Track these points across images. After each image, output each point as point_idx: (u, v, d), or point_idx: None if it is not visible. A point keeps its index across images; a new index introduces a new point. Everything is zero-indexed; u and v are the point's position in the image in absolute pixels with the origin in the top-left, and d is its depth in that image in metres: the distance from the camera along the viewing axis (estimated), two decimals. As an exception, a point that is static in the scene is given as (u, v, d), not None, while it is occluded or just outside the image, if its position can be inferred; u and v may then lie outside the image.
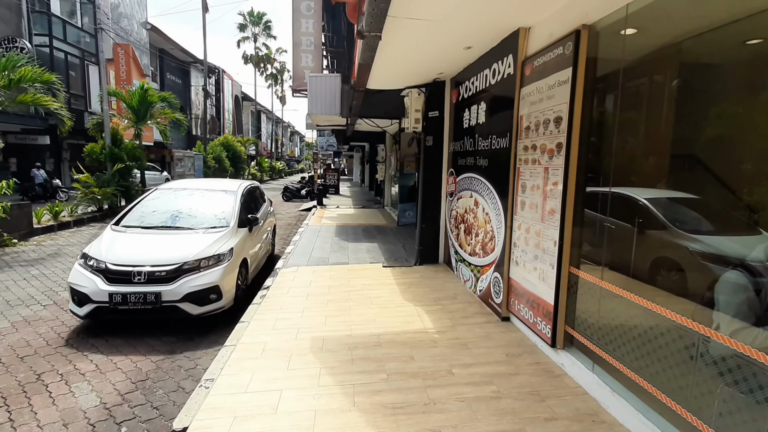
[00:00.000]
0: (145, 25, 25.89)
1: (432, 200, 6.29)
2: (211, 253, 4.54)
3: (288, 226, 11.40)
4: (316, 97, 10.36)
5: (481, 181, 4.69)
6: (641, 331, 2.44)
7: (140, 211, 5.28)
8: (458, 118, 5.63)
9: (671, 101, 2.44)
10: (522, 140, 3.71)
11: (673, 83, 2.45)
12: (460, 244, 5.43)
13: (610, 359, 2.67)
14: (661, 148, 2.52)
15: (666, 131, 2.47)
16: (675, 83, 2.43)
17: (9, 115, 16.00)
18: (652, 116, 2.58)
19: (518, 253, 3.77)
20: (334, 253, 7.31)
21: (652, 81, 2.58)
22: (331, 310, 4.41)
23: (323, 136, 34.06)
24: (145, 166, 13.62)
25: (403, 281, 5.47)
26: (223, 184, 6.28)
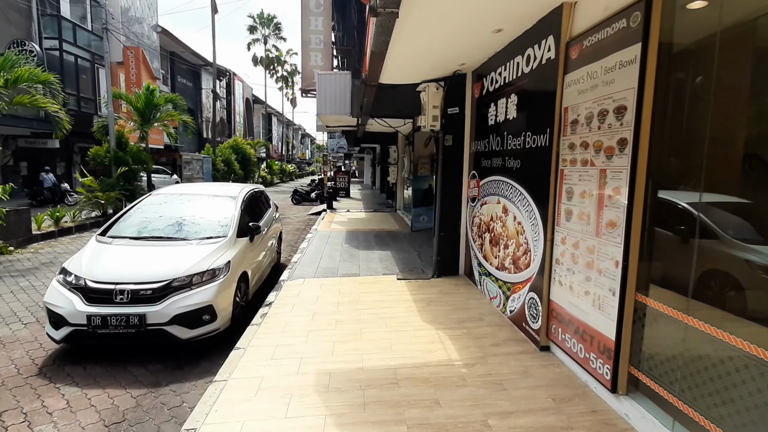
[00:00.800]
0: (155, 28, 25.82)
1: (451, 206, 5.69)
2: (205, 268, 4.01)
3: (296, 231, 10.90)
4: (326, 96, 9.86)
5: (511, 185, 4.08)
6: (748, 384, 1.81)
7: (130, 219, 4.80)
8: (481, 114, 5.03)
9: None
10: (567, 137, 3.10)
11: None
12: (485, 255, 4.82)
13: (700, 418, 2.05)
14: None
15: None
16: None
17: (18, 119, 15.89)
18: (761, 101, 1.96)
19: (562, 273, 3.15)
20: (344, 262, 6.75)
21: (760, 55, 1.96)
22: (339, 333, 3.84)
23: (334, 138, 33.69)
24: (151, 169, 13.29)
25: (420, 297, 4.88)
26: (223, 189, 5.78)
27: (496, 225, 4.46)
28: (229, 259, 4.28)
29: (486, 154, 4.85)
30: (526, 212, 3.71)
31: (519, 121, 3.93)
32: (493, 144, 4.61)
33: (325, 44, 13.62)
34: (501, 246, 4.31)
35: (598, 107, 2.72)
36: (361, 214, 13.40)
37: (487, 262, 4.77)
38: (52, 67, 18.72)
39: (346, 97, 9.86)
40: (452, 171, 5.64)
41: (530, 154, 3.67)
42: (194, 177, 17.56)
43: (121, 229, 4.62)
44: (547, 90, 3.36)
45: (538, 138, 3.49)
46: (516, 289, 3.92)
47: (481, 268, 4.98)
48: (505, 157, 4.25)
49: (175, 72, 30.00)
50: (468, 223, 5.57)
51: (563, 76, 3.16)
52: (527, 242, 3.69)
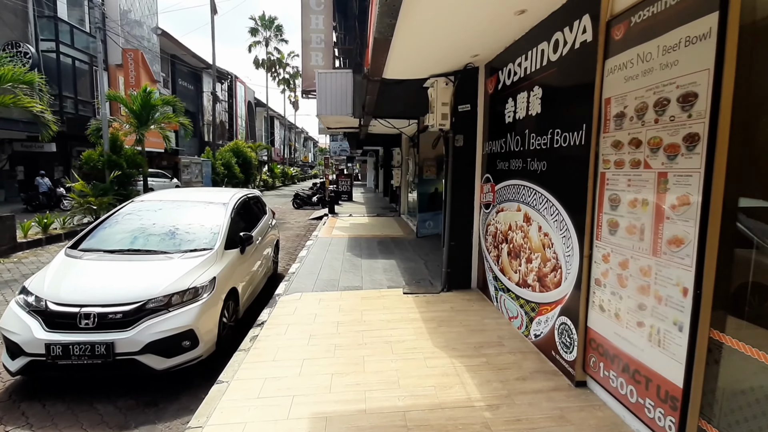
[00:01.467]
0: (155, 31, 25.53)
1: (462, 212, 5.18)
2: (186, 286, 3.52)
3: (296, 238, 10.41)
4: (326, 95, 9.39)
5: (534, 190, 3.56)
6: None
7: (106, 230, 4.31)
8: (496, 111, 4.53)
9: None
10: (609, 133, 2.59)
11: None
12: (503, 269, 4.30)
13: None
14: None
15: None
16: None
17: (12, 122, 15.52)
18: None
19: (605, 296, 2.63)
20: (345, 273, 6.24)
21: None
22: (339, 362, 3.33)
23: (336, 140, 33.27)
24: (147, 172, 12.85)
25: (430, 315, 4.36)
26: (214, 195, 5.29)
27: (516, 235, 3.94)
28: (214, 274, 3.78)
29: (502, 156, 4.34)
30: (555, 222, 3.20)
31: (544, 117, 3.42)
32: (511, 144, 4.10)
33: (326, 43, 13.17)
34: (522, 259, 3.79)
35: (654, 96, 2.21)
36: (364, 219, 12.91)
37: (504, 276, 4.25)
38: (48, 69, 18.41)
39: (348, 97, 9.38)
40: (463, 174, 5.13)
41: (560, 155, 3.15)
42: (193, 181, 17.13)
43: (95, 241, 4.13)
44: (581, 79, 2.85)
45: (570, 136, 2.97)
46: (542, 311, 3.40)
47: (498, 283, 4.46)
48: (526, 159, 3.73)
49: (176, 75, 29.71)
50: (481, 231, 5.05)
51: (603, 61, 2.65)
52: (556, 257, 3.17)
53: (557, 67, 3.19)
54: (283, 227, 12.19)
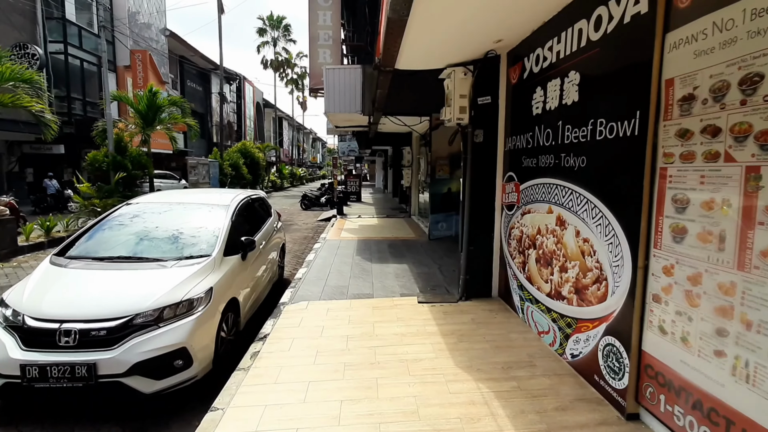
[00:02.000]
0: (164, 32, 25.48)
1: (482, 215, 4.75)
2: (179, 298, 3.16)
3: (303, 240, 10.06)
4: (334, 92, 9.02)
5: (570, 190, 3.13)
6: None
7: (96, 235, 3.98)
8: (521, 103, 4.11)
9: None
10: (673, 120, 2.16)
11: None
12: (530, 277, 3.87)
13: None
14: None
15: None
16: None
17: (22, 124, 15.47)
18: None
19: (667, 316, 2.20)
20: (354, 279, 5.86)
21: None
22: (349, 386, 2.94)
23: (344, 141, 32.97)
24: (152, 174, 12.62)
25: (449, 329, 3.95)
26: (214, 196, 4.95)
27: (547, 240, 3.51)
28: (211, 285, 3.42)
29: (529, 152, 3.91)
30: (598, 227, 2.77)
31: (583, 106, 2.99)
32: (539, 138, 3.68)
33: (334, 40, 12.81)
34: (555, 268, 3.36)
35: (739, 72, 1.78)
36: (374, 221, 12.52)
37: (532, 285, 3.82)
38: (57, 71, 18.40)
39: (357, 94, 9.01)
40: (483, 173, 4.71)
41: (604, 148, 2.72)
42: (200, 182, 16.92)
43: (83, 247, 3.80)
44: (633, 59, 2.42)
45: (619, 126, 2.55)
46: (582, 328, 2.97)
47: (524, 292, 4.03)
48: (559, 155, 3.31)
49: (185, 76, 29.73)
50: (503, 235, 4.63)
51: (663, 36, 2.22)
52: (600, 267, 2.74)
53: (600, 47, 2.76)
54: (291, 229, 11.87)
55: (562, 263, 3.25)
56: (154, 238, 3.89)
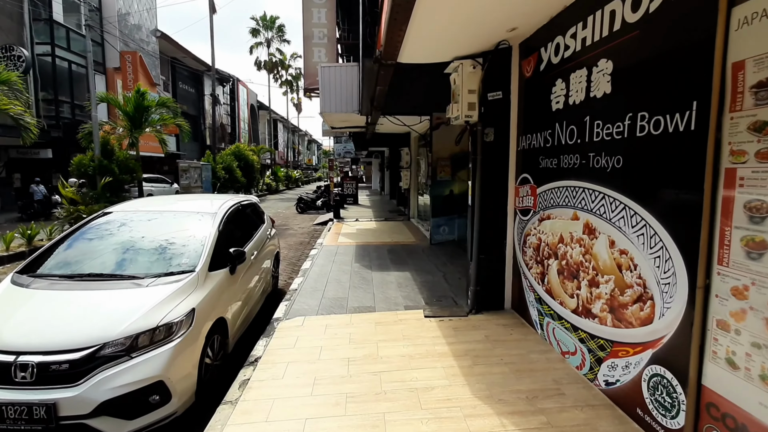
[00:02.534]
0: (154, 33, 25.00)
1: (493, 220, 4.37)
2: (156, 323, 2.75)
3: (299, 246, 9.65)
4: (330, 91, 8.63)
5: (601, 194, 2.76)
6: None
7: (65, 249, 3.55)
8: (537, 98, 3.74)
9: None
10: (744, 111, 1.79)
11: None
12: (550, 290, 3.49)
13: None
14: None
15: None
16: None
17: (9, 128, 14.96)
18: None
19: (740, 348, 1.82)
20: (354, 289, 5.46)
21: None
22: (352, 424, 2.54)
23: (340, 142, 32.56)
24: (141, 178, 12.15)
25: (462, 348, 3.56)
26: (200, 204, 4.53)
27: (572, 250, 3.14)
28: (193, 305, 3.01)
29: (547, 152, 3.54)
30: (640, 237, 2.39)
31: (618, 98, 2.62)
32: (560, 136, 3.30)
33: (329, 39, 12.43)
34: (582, 281, 2.98)
35: None
36: (372, 224, 12.13)
37: (554, 300, 3.44)
38: (44, 73, 17.88)
39: (354, 93, 8.62)
40: (494, 174, 4.33)
41: (647, 146, 2.35)
42: (192, 186, 16.44)
43: (51, 263, 3.38)
44: (685, 40, 2.05)
45: (668, 119, 2.17)
46: (619, 353, 2.59)
47: (543, 306, 3.65)
48: (586, 154, 2.93)
49: (177, 78, 29.21)
50: (517, 242, 4.25)
51: (728, 10, 1.85)
52: (643, 284, 2.36)
53: (640, 29, 2.38)
54: (286, 234, 11.44)
55: (591, 277, 2.87)
56: (130, 252, 3.47)
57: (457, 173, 8.67)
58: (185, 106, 29.36)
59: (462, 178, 8.66)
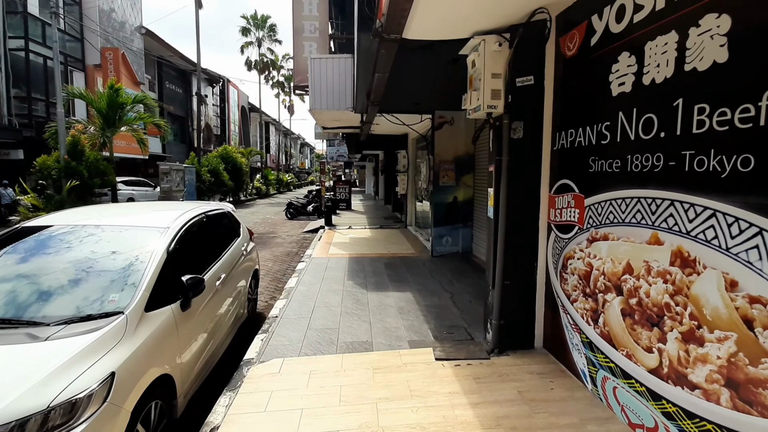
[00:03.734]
0: (139, 30, 23.96)
1: (521, 237, 3.49)
2: (47, 402, 1.81)
3: (286, 258, 8.69)
4: (320, 86, 7.74)
5: (710, 211, 1.89)
6: None
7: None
8: (585, 81, 2.89)
9: None
10: None
11: None
12: (609, 335, 2.61)
13: None
14: None
15: None
16: None
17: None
18: None
19: None
20: (347, 316, 4.54)
21: None
22: None
23: (333, 145, 31.73)
24: (114, 181, 11.13)
25: (489, 411, 2.66)
26: (152, 215, 3.59)
27: (649, 286, 2.26)
28: (112, 367, 2.07)
29: (603, 150, 2.68)
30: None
31: (741, 68, 1.75)
32: (627, 129, 2.44)
33: (321, 32, 11.57)
34: (671, 332, 2.11)
35: None
36: (366, 232, 11.22)
37: (616, 349, 2.55)
38: (17, 69, 16.77)
39: (347, 88, 7.74)
40: (522, 180, 3.45)
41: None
42: (173, 190, 15.37)
43: None
44: None
45: None
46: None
47: (597, 355, 2.77)
48: (679, 152, 2.06)
49: (163, 78, 28.14)
50: (552, 265, 3.38)
51: None
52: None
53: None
54: (272, 243, 10.48)
55: (688, 329, 2.00)
56: (35, 286, 2.52)
57: (461, 178, 7.81)
58: (172, 106, 28.31)
59: (467, 183, 7.81)
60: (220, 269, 3.68)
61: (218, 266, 3.67)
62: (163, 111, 27.26)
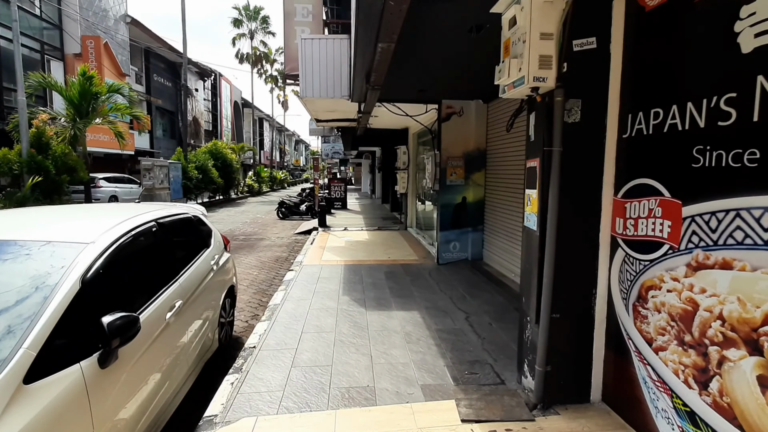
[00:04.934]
0: (124, 18, 22.81)
1: (576, 255, 2.62)
2: None
3: (274, 265, 7.78)
4: (312, 70, 6.83)
5: None
6: None
7: None
8: (685, 40, 2.02)
9: None
10: None
11: None
12: (741, 416, 1.75)
13: None
14: None
15: None
16: None
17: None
18: None
19: None
20: (341, 348, 3.66)
21: None
22: None
23: (328, 142, 30.75)
24: (85, 178, 10.13)
25: None
26: (79, 224, 2.67)
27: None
28: None
29: (721, 136, 1.82)
30: None
31: None
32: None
33: (315, 16, 10.61)
34: None
35: None
36: (363, 234, 10.33)
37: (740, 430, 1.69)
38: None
39: (342, 73, 6.83)
40: (578, 177, 2.58)
41: None
42: (157, 187, 14.34)
43: None
44: None
45: None
46: None
47: (704, 429, 1.91)
48: None
49: (151, 70, 27.00)
50: (619, 292, 2.51)
51: None
52: None
53: None
54: (259, 246, 9.56)
55: None
56: None
57: (471, 176, 6.94)
58: (160, 100, 27.14)
59: (477, 182, 6.94)
60: (174, 295, 2.77)
61: (172, 291, 2.77)
62: (151, 105, 26.17)
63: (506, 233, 5.99)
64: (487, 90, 6.00)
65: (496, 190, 6.47)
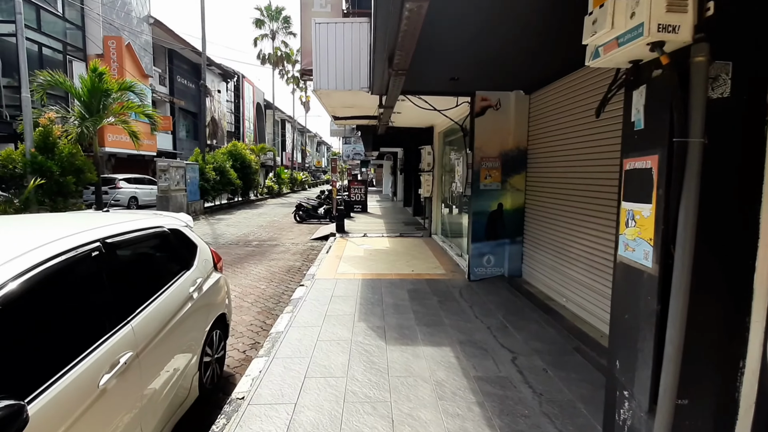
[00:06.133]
0: (147, 20, 22.78)
1: (714, 309, 1.67)
2: None
3: (285, 276, 7.01)
4: (327, 59, 6.05)
5: None
6: None
7: None
8: None
9: None
10: None
11: None
12: None
13: None
14: None
15: None
16: None
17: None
18: None
19: None
20: (353, 404, 2.80)
21: None
22: None
23: (349, 143, 30.10)
24: (95, 179, 9.69)
25: None
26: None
27: None
28: None
29: None
30: None
31: None
32: None
33: (333, 6, 9.79)
34: None
35: None
36: (383, 242, 9.47)
37: None
38: (6, 56, 15.57)
39: (362, 61, 6.01)
40: (721, 189, 1.63)
41: None
42: (173, 189, 13.92)
43: None
44: None
45: None
46: None
47: None
48: None
49: (174, 72, 27.05)
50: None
51: None
52: None
53: None
54: (272, 253, 8.84)
55: None
56: None
57: (509, 180, 5.98)
58: (183, 101, 27.14)
59: (516, 187, 5.96)
60: (117, 348, 1.98)
61: (115, 343, 1.97)
62: (174, 106, 26.17)
63: (553, 248, 5.01)
64: (532, 78, 5.05)
65: (540, 196, 5.48)
